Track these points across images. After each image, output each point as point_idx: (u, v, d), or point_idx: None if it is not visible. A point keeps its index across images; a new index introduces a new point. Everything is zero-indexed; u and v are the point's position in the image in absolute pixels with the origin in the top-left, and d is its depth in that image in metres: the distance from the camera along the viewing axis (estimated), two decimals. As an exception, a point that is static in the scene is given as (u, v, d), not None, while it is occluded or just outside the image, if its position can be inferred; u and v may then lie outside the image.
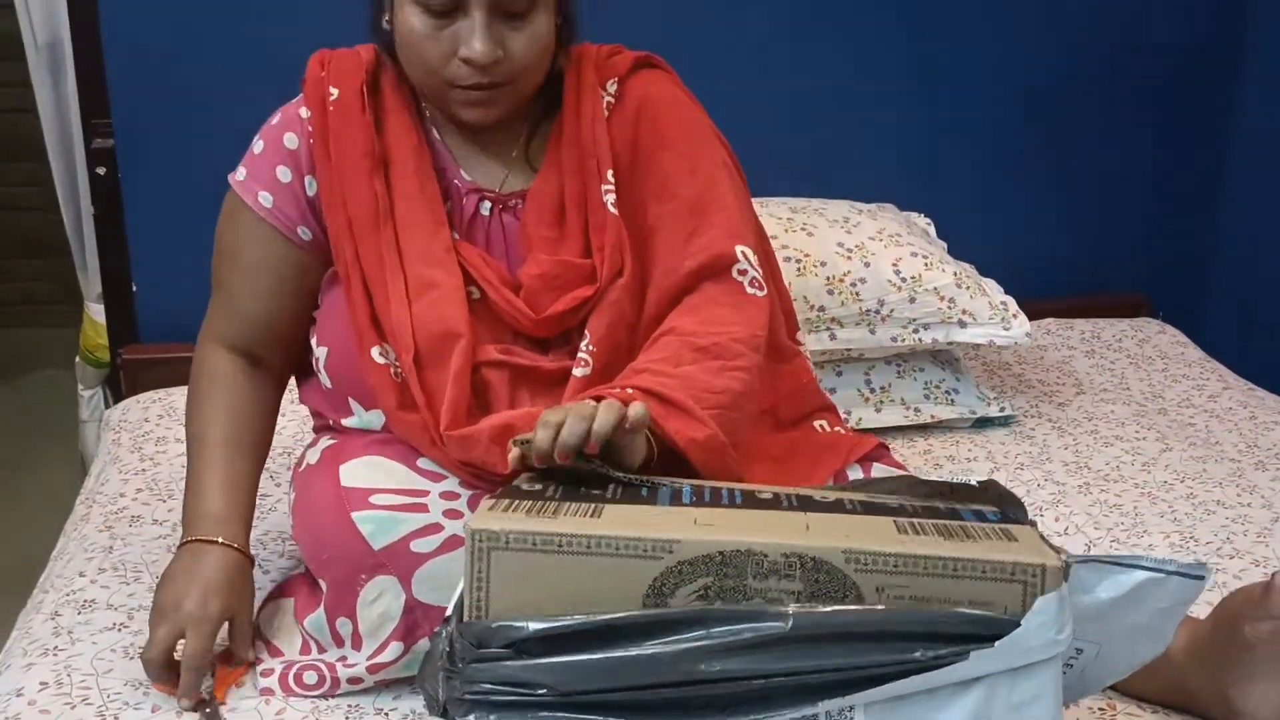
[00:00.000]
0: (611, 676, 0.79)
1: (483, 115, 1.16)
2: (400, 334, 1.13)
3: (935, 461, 1.67)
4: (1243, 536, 1.43)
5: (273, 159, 1.20)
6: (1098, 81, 2.25)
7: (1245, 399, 1.91)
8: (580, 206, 1.19)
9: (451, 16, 1.10)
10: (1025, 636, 0.77)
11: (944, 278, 1.75)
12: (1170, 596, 0.85)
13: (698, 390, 1.08)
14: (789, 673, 0.78)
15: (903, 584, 0.80)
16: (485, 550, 0.82)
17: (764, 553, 0.81)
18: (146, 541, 1.36)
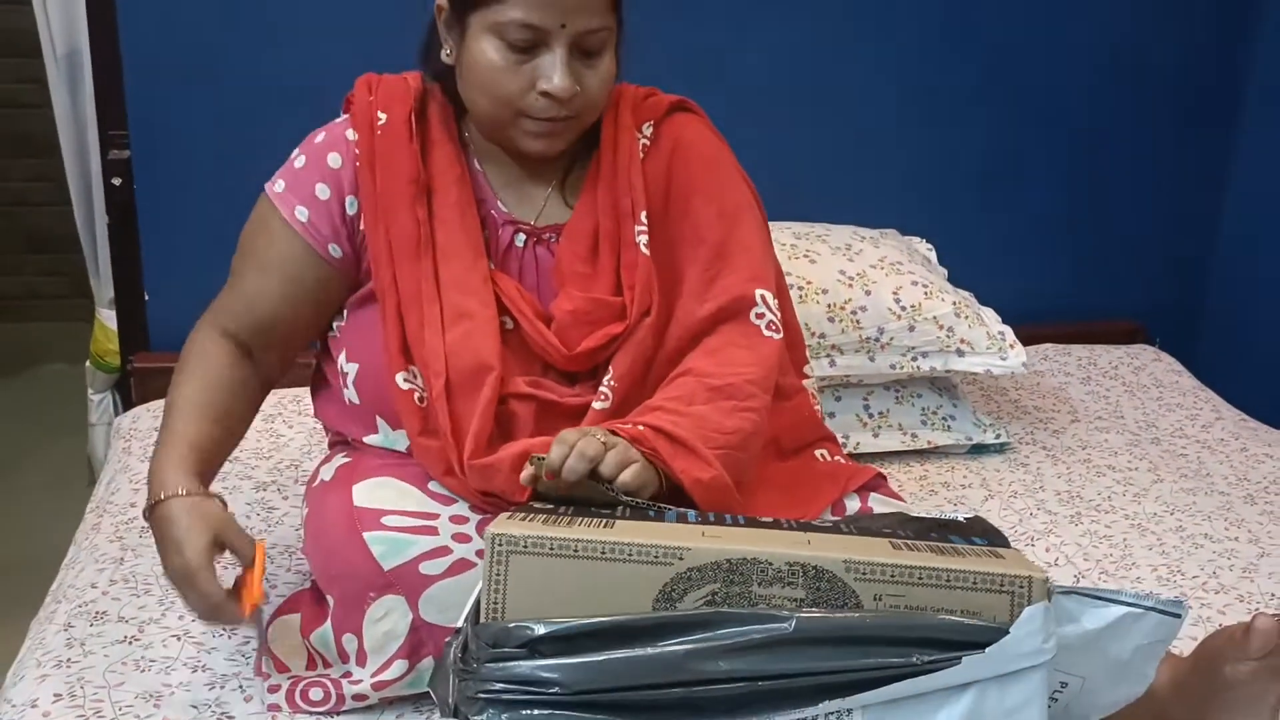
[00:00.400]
0: (621, 675, 0.82)
1: (548, 146, 1.20)
2: (432, 362, 1.16)
3: (931, 488, 1.70)
4: (1228, 571, 1.46)
5: (313, 175, 1.23)
6: (1099, 115, 2.28)
7: (1237, 430, 1.94)
8: (613, 245, 1.24)
9: (531, 52, 1.14)
10: (1014, 643, 0.81)
11: (943, 307, 1.78)
12: (1150, 633, 0.90)
13: (709, 430, 1.13)
14: (791, 674, 0.81)
15: (899, 593, 0.85)
16: (505, 554, 0.86)
17: (769, 561, 0.86)
18: (156, 554, 1.38)
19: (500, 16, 1.12)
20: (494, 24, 1.13)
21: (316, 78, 1.78)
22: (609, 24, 1.17)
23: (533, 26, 1.12)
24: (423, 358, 1.17)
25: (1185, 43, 2.27)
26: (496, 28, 1.13)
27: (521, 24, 1.12)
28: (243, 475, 1.61)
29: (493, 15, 1.13)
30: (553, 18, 1.12)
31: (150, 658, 1.17)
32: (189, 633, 1.22)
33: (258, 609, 1.08)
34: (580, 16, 1.13)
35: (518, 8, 1.11)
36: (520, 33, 1.12)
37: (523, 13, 1.11)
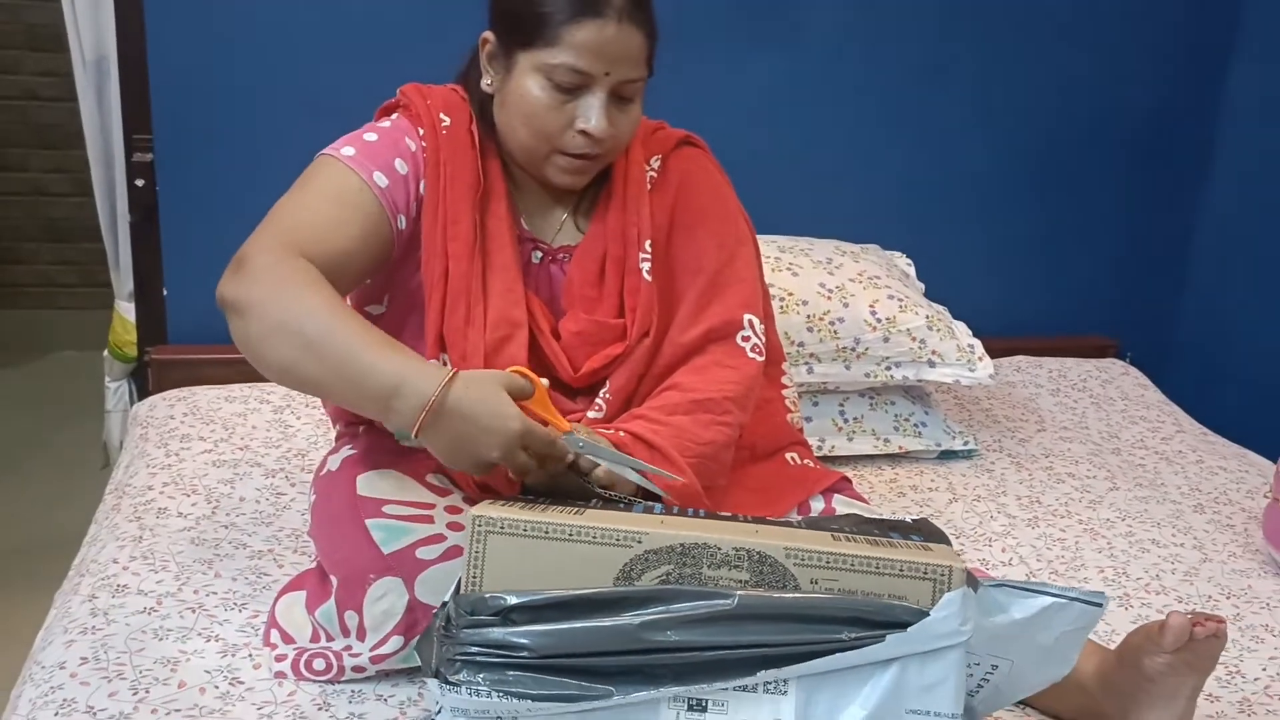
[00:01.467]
0: (583, 642, 0.93)
1: (577, 180, 1.32)
2: (472, 358, 1.25)
3: (900, 490, 1.80)
4: (1171, 575, 1.56)
5: (390, 151, 1.28)
6: (1079, 136, 2.38)
7: (1196, 443, 2.04)
8: (619, 270, 1.35)
9: (574, 93, 1.24)
10: (934, 624, 0.91)
11: (916, 320, 1.89)
12: (1073, 620, 0.99)
13: (685, 440, 1.25)
14: (733, 645, 0.92)
15: (833, 577, 0.95)
16: (484, 533, 0.97)
17: (718, 546, 0.96)
18: (173, 533, 1.49)
19: (550, 59, 1.22)
20: (543, 65, 1.23)
21: (337, 89, 1.89)
22: (644, 74, 1.28)
23: (580, 71, 1.22)
24: (463, 351, 1.25)
25: (1160, 68, 2.37)
26: (545, 68, 1.23)
27: (571, 68, 1.22)
28: (253, 463, 1.71)
29: (543, 57, 1.23)
30: (599, 66, 1.22)
31: (168, 627, 1.27)
32: (203, 606, 1.32)
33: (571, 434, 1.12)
34: (623, 67, 1.24)
35: (569, 53, 1.21)
36: (568, 76, 1.23)
37: (573, 58, 1.21)
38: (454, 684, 0.93)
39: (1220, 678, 1.32)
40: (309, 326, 1.10)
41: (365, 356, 1.09)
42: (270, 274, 1.14)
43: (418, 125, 1.31)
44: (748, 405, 1.35)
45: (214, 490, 1.62)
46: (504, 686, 0.92)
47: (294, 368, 1.13)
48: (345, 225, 1.23)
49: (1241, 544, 1.66)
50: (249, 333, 1.14)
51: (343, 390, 1.13)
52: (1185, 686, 1.14)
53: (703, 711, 0.93)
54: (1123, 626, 1.39)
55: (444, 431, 1.08)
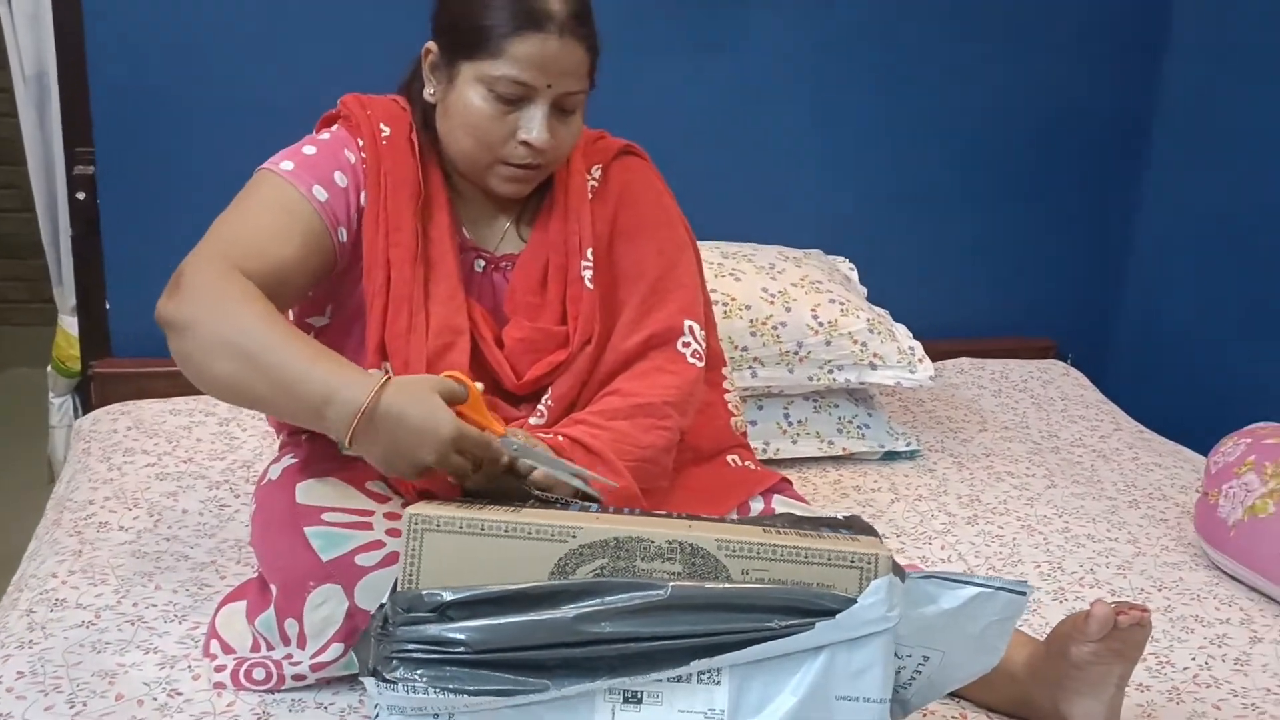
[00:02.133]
0: (518, 636, 0.94)
1: (518, 190, 1.33)
2: (414, 365, 1.26)
3: (843, 491, 1.83)
4: (1105, 569, 1.59)
5: (329, 164, 1.29)
6: (1017, 141, 2.43)
7: (1133, 440, 2.09)
8: (561, 279, 1.37)
9: (516, 104, 1.26)
10: (861, 611, 0.93)
11: (858, 323, 1.92)
12: (1000, 610, 1.01)
13: (625, 444, 1.27)
14: (665, 636, 0.94)
15: (764, 568, 0.98)
16: (420, 531, 0.99)
17: (651, 539, 0.99)
18: (114, 546, 1.48)
19: (493, 71, 1.24)
20: (485, 76, 1.25)
21: (279, 101, 1.89)
22: (585, 87, 1.30)
23: (523, 84, 1.24)
24: (405, 359, 1.26)
25: (1097, 76, 2.43)
26: (488, 80, 1.25)
27: (513, 80, 1.24)
28: (197, 475, 1.71)
29: (485, 69, 1.24)
30: (541, 78, 1.24)
31: (106, 640, 1.27)
32: (142, 618, 1.32)
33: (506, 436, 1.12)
34: (565, 80, 1.26)
35: (511, 66, 1.23)
36: (510, 88, 1.24)
37: (515, 71, 1.23)
38: (390, 681, 0.93)
39: (1150, 667, 1.35)
40: (245, 341, 1.12)
41: (299, 368, 1.11)
42: (207, 291, 1.15)
43: (357, 136, 1.32)
44: (688, 410, 1.37)
45: (157, 503, 1.61)
46: (441, 682, 0.93)
47: (233, 383, 1.14)
48: (285, 239, 1.24)
49: (1174, 537, 1.70)
50: (189, 350, 1.15)
51: (280, 403, 1.14)
52: (1112, 675, 1.17)
53: (638, 703, 0.95)
54: (1057, 619, 1.42)
55: (377, 438, 1.09)
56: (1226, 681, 1.34)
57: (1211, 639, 1.43)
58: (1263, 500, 1.54)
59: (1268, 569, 1.50)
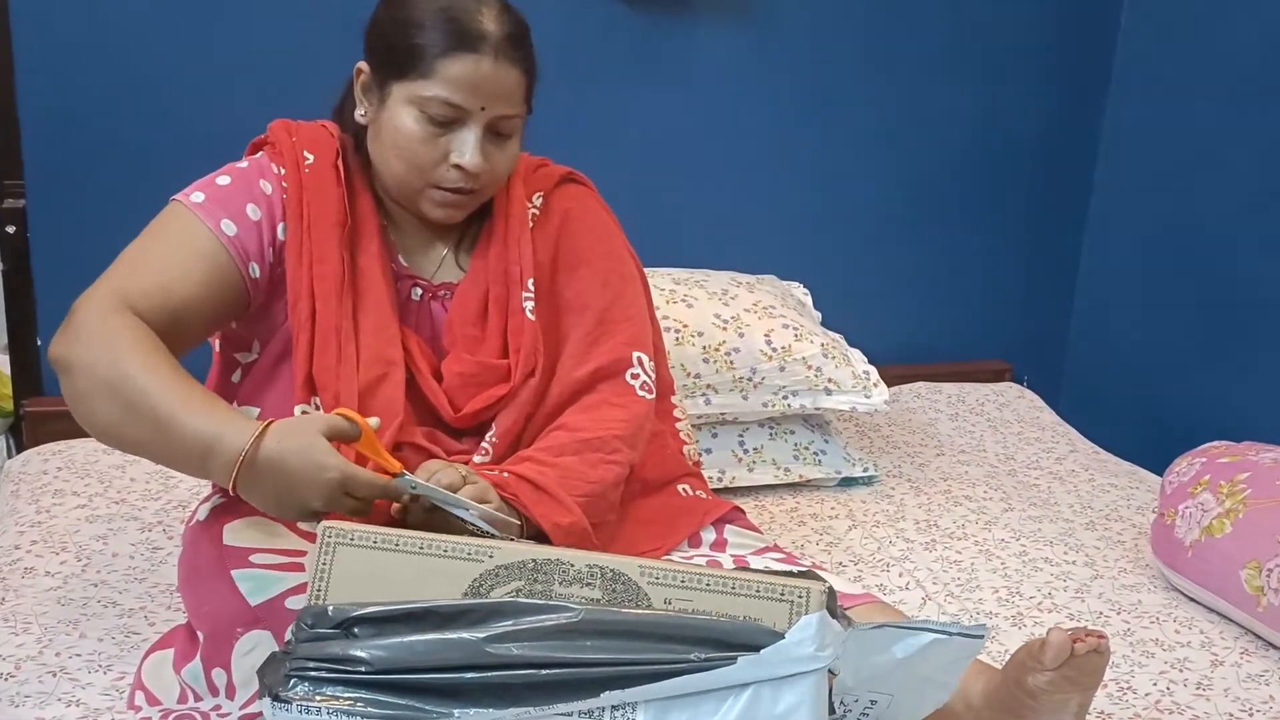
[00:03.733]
0: (424, 655, 0.89)
1: (451, 215, 1.29)
2: (345, 399, 1.21)
3: (800, 519, 1.80)
4: (1063, 592, 1.57)
5: (243, 195, 1.25)
6: (968, 166, 2.44)
7: (1088, 462, 2.07)
8: (501, 310, 1.32)
9: (448, 127, 1.22)
10: (788, 648, 0.87)
11: (812, 348, 1.89)
12: (954, 653, 0.97)
13: (573, 479, 1.23)
14: (577, 663, 0.88)
15: (688, 597, 0.93)
16: (332, 545, 0.95)
17: (570, 562, 0.95)
18: (39, 593, 1.42)
19: (424, 91, 1.20)
20: (417, 97, 1.21)
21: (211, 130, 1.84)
22: (521, 112, 1.27)
23: (455, 105, 1.21)
24: (335, 392, 1.21)
25: (1041, 114, 2.44)
26: (419, 101, 1.21)
27: (445, 102, 1.21)
28: (129, 516, 1.64)
29: (417, 89, 1.21)
30: (474, 101, 1.21)
31: (25, 693, 1.20)
32: (65, 669, 1.25)
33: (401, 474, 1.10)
34: (499, 103, 1.23)
35: (443, 87, 1.20)
36: (442, 109, 1.21)
37: (447, 92, 1.20)
38: (285, 700, 0.88)
39: (1111, 694, 1.32)
40: (126, 386, 1.08)
41: (179, 416, 1.07)
42: (94, 331, 1.12)
43: (279, 164, 1.28)
44: (637, 443, 1.34)
45: (85, 546, 1.55)
46: (337, 704, 0.88)
47: (114, 429, 1.11)
48: (188, 275, 1.19)
49: (1131, 559, 1.68)
50: (75, 391, 1.13)
51: (161, 451, 1.11)
52: (1070, 704, 1.13)
53: None
54: (1015, 645, 1.39)
55: (260, 485, 1.07)
56: (1189, 707, 1.31)
57: (1172, 663, 1.40)
58: (1219, 520, 1.52)
59: (1225, 590, 1.49)
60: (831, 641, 0.89)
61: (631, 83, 2.16)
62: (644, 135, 2.19)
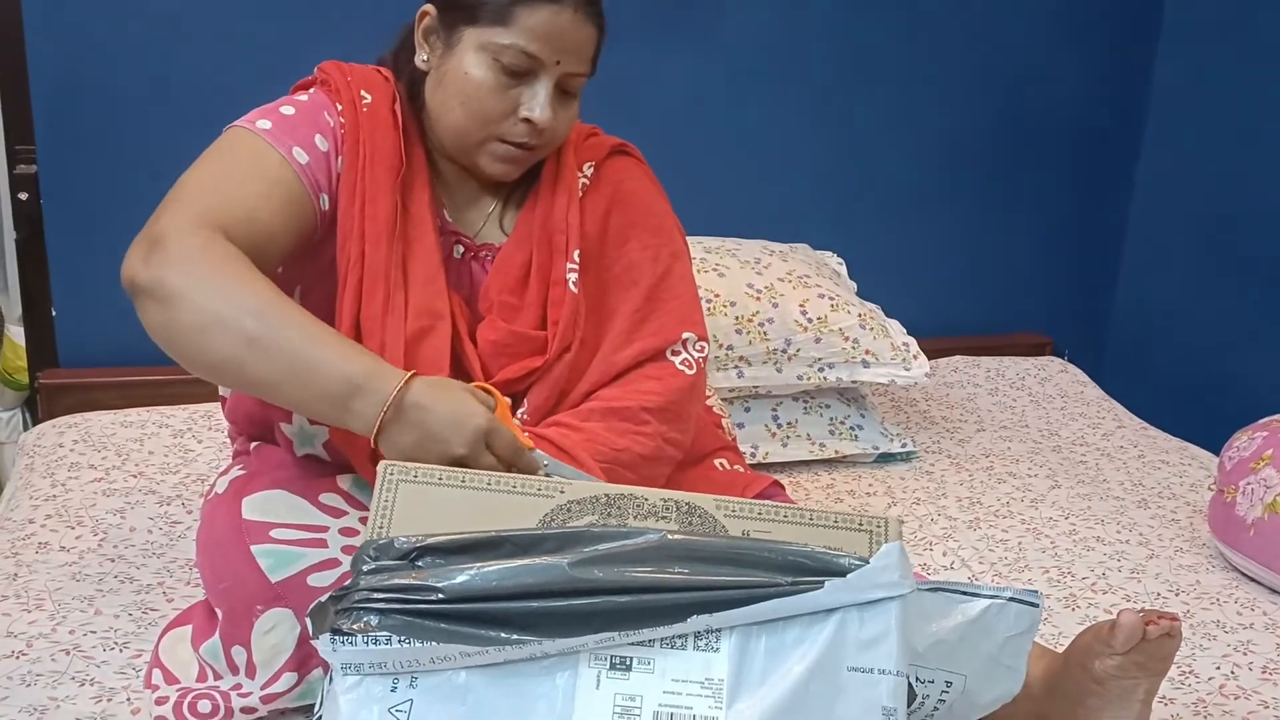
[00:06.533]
0: (502, 581, 0.84)
1: (509, 171, 1.23)
2: (391, 346, 1.15)
3: (837, 496, 1.73)
4: (1117, 573, 1.50)
5: (309, 126, 1.17)
6: (1009, 132, 2.35)
7: (1136, 438, 2.00)
8: (543, 279, 1.25)
9: (520, 78, 1.17)
10: (874, 573, 0.85)
11: (849, 319, 1.82)
12: (1013, 624, 0.94)
13: (597, 444, 1.17)
14: (663, 586, 0.84)
15: (765, 529, 0.90)
16: (394, 482, 0.91)
17: (645, 497, 0.91)
18: (52, 569, 1.37)
19: (500, 39, 1.15)
20: (491, 44, 1.15)
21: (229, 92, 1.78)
22: (589, 71, 1.21)
23: (531, 56, 1.15)
24: (380, 341, 1.15)
25: (1087, 75, 2.35)
26: (493, 48, 1.15)
27: (521, 51, 1.15)
28: (146, 490, 1.60)
29: (492, 36, 1.15)
30: (550, 53, 1.16)
31: (37, 672, 1.15)
32: (79, 647, 1.21)
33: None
34: (573, 59, 1.18)
35: (521, 35, 1.14)
36: (517, 59, 1.15)
37: (525, 41, 1.14)
38: (349, 634, 0.82)
39: (1173, 679, 1.26)
40: (251, 322, 1.00)
41: (320, 354, 1.00)
42: (200, 258, 1.02)
43: (336, 100, 1.21)
44: (673, 419, 1.25)
45: (101, 521, 1.50)
46: (408, 633, 0.81)
47: (233, 365, 1.01)
48: (269, 203, 1.11)
49: (1187, 538, 1.61)
50: (176, 324, 1.01)
51: (291, 391, 1.02)
52: (1138, 689, 1.07)
53: (626, 670, 0.85)
54: (1069, 628, 1.33)
55: (406, 430, 1.00)
56: (1255, 692, 1.24)
57: (1236, 646, 1.33)
58: (1282, 497, 1.45)
59: (1290, 570, 1.41)
60: (911, 570, 0.86)
61: (660, 46, 2.08)
62: (672, 100, 2.12)
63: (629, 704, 0.84)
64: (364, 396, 0.99)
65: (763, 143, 2.20)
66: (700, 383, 1.29)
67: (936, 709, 0.96)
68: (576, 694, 0.84)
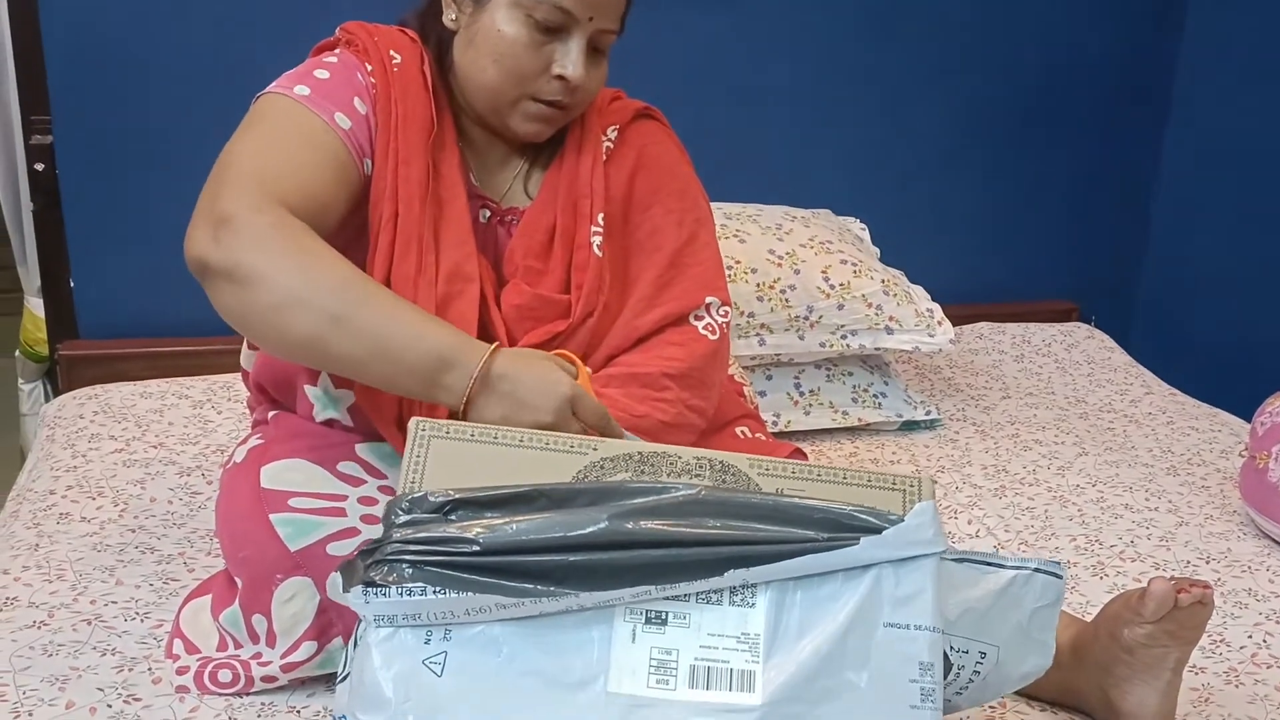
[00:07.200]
0: (539, 534, 0.83)
1: (540, 131, 1.21)
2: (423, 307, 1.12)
3: (861, 463, 1.71)
4: (1146, 541, 1.48)
5: (347, 89, 1.15)
6: (1036, 95, 2.30)
7: (1165, 404, 1.97)
8: (567, 243, 1.24)
9: (553, 35, 1.15)
10: (909, 530, 0.84)
11: (872, 285, 1.79)
12: (1041, 593, 0.93)
13: (616, 412, 1.14)
14: (700, 540, 0.83)
15: (799, 487, 0.89)
16: (426, 438, 0.90)
17: (678, 455, 0.91)
18: (74, 539, 1.37)
19: None
20: (524, 1, 1.13)
21: (242, 59, 1.77)
22: (619, 28, 1.20)
23: (565, 11, 1.13)
24: (412, 300, 1.13)
25: (1117, 30, 2.30)
26: (526, 4, 1.14)
27: (555, 6, 1.13)
28: (167, 461, 1.59)
29: None
30: (584, 9, 1.14)
31: (59, 642, 1.15)
32: (100, 617, 1.21)
33: None
34: (605, 16, 1.16)
35: None
36: (551, 14, 1.13)
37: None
38: (382, 586, 0.81)
39: (1204, 647, 1.24)
40: (336, 300, 0.99)
41: (405, 331, 1.00)
42: (274, 236, 1.01)
43: (365, 61, 1.18)
44: (695, 384, 1.23)
45: (122, 491, 1.50)
46: (443, 583, 0.81)
47: (317, 344, 1.00)
48: (320, 173, 1.09)
49: (1218, 506, 1.58)
50: (256, 304, 1.00)
51: (377, 368, 1.02)
52: (1169, 659, 1.05)
53: (662, 624, 0.85)
54: (1097, 596, 1.31)
55: (494, 401, 1.00)
56: (1288, 661, 1.22)
57: (1268, 614, 1.31)
58: (1317, 463, 1.42)
59: (1324, 537, 1.39)
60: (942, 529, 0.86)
61: (678, 3, 2.05)
62: (689, 60, 2.09)
63: (665, 658, 0.84)
64: (452, 371, 1.00)
65: (784, 106, 2.17)
66: (724, 348, 1.27)
67: (972, 680, 0.95)
68: (613, 648, 0.84)
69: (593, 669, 0.83)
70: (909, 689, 0.84)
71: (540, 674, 0.83)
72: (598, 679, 0.83)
